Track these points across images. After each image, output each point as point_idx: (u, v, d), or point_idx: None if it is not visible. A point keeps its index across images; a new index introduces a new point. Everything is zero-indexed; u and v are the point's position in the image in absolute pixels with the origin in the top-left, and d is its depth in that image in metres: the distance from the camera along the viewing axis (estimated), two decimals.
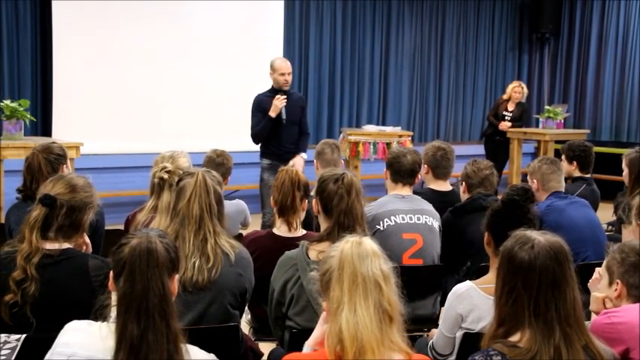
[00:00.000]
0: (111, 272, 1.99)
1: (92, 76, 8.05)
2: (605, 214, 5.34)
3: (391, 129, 8.52)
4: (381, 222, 3.73)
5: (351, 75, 10.45)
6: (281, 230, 3.42)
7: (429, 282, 3.68)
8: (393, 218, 3.75)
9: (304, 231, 3.43)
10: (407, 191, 3.94)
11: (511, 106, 9.08)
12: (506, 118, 9.04)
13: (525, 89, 9.24)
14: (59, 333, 1.97)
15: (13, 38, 7.81)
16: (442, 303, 3.40)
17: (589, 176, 5.06)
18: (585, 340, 2.01)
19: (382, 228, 3.72)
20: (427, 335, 3.27)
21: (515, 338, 2.01)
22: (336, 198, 2.88)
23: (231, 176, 4.58)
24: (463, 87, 11.60)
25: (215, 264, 2.70)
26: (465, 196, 4.03)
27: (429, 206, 3.89)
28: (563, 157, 5.04)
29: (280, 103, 5.96)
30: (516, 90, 9.09)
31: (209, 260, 2.70)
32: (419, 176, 4.04)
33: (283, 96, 5.99)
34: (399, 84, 10.93)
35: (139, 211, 3.58)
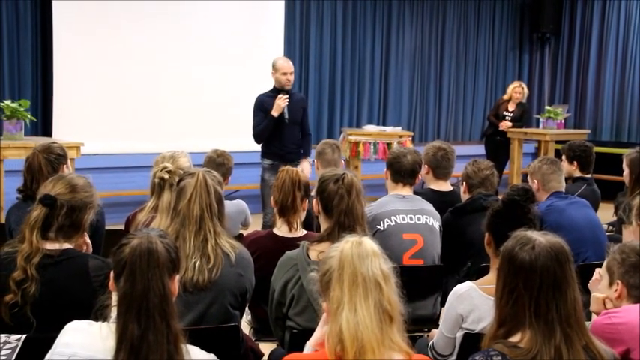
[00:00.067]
0: (111, 272, 1.99)
1: (93, 76, 8.05)
2: (605, 215, 5.33)
3: (392, 129, 8.53)
4: (382, 222, 3.73)
5: (352, 75, 10.45)
6: (281, 230, 3.42)
7: (430, 282, 3.68)
8: (394, 218, 3.75)
9: (305, 231, 3.43)
10: (407, 191, 3.94)
11: (511, 107, 9.07)
12: (506, 119, 9.03)
13: (526, 89, 9.23)
14: (59, 333, 1.97)
15: (14, 38, 7.81)
16: (442, 303, 3.40)
17: (589, 176, 5.06)
18: (586, 341, 2.01)
19: (382, 228, 3.72)
20: (427, 335, 3.27)
21: (515, 338, 2.01)
22: (337, 198, 2.87)
23: (231, 176, 4.58)
24: (463, 87, 11.60)
25: (215, 264, 2.70)
26: (466, 197, 4.03)
27: (430, 206, 3.88)
28: (563, 158, 5.03)
29: (283, 103, 5.90)
30: (517, 90, 9.08)
31: (209, 260, 2.70)
32: (419, 176, 4.04)
33: (285, 95, 5.94)
34: (400, 84, 10.93)
35: (140, 212, 3.58)
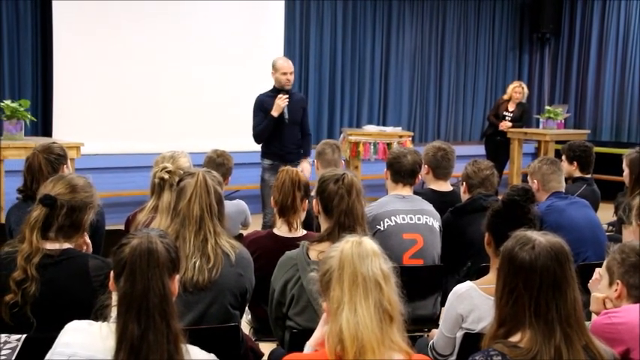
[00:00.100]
0: (111, 272, 1.99)
1: (93, 76, 8.05)
2: (605, 215, 5.33)
3: (392, 129, 8.53)
4: (382, 222, 3.73)
5: (352, 75, 10.44)
6: (281, 230, 3.42)
7: (430, 282, 3.68)
8: (394, 218, 3.75)
9: (305, 231, 3.42)
10: (407, 191, 3.94)
11: (511, 107, 9.06)
12: (506, 119, 9.03)
13: (526, 89, 9.23)
14: (59, 333, 1.97)
15: (14, 38, 7.81)
16: (442, 303, 3.40)
17: (589, 176, 5.06)
18: (586, 341, 2.01)
19: (382, 228, 3.72)
20: (427, 335, 3.27)
21: (515, 338, 2.01)
22: (337, 198, 2.87)
23: (231, 176, 4.58)
24: (463, 87, 11.60)
25: (215, 264, 2.70)
26: (466, 197, 4.03)
27: (430, 206, 3.88)
28: (563, 158, 5.03)
29: (283, 103, 5.90)
30: (517, 90, 9.08)
31: (209, 260, 2.70)
32: (419, 176, 4.04)
33: (285, 95, 5.93)
34: (400, 84, 10.93)
35: (140, 212, 3.58)
